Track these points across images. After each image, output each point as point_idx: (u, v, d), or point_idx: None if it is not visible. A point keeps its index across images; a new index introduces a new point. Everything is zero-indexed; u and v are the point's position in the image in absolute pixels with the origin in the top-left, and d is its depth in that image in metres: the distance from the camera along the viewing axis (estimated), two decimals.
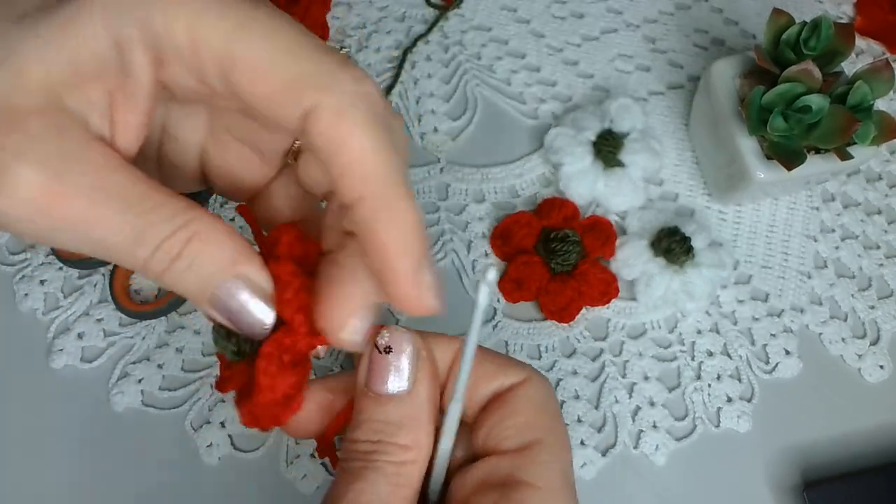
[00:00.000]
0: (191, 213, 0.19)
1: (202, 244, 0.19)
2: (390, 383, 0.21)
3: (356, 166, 0.18)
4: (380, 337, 0.22)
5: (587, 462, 0.36)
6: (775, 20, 0.36)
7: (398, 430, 0.21)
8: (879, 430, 0.37)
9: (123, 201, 0.18)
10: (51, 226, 0.18)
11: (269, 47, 0.18)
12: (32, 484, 0.35)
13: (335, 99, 0.18)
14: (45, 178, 0.17)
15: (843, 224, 0.41)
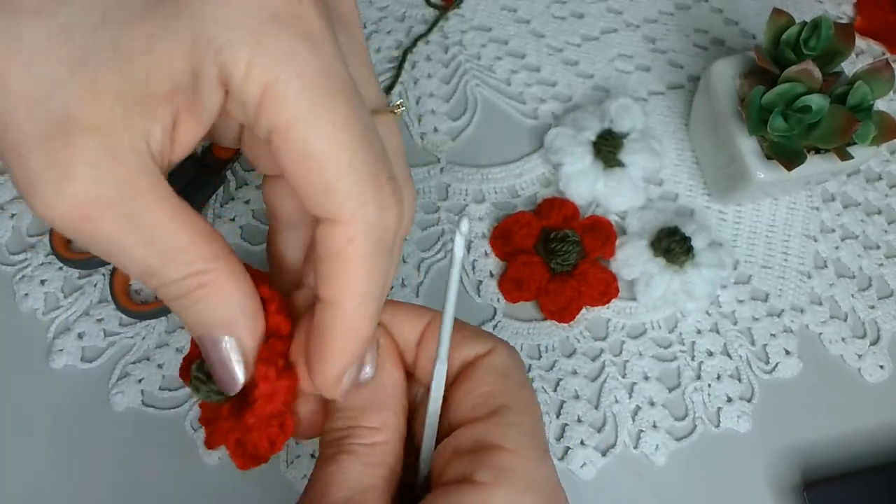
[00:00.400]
0: (213, 264, 0.20)
1: (210, 294, 0.20)
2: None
3: (340, 286, 0.20)
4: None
5: (587, 462, 0.36)
6: (775, 20, 0.36)
7: (365, 413, 0.22)
8: (879, 429, 0.37)
9: (149, 239, 0.19)
10: (78, 237, 0.19)
11: (326, 147, 0.18)
12: (32, 483, 0.35)
13: (353, 228, 0.19)
14: (85, 202, 0.18)
15: (843, 224, 0.41)
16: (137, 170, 0.18)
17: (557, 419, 0.36)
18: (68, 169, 0.17)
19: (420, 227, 0.41)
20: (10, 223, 0.39)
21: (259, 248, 0.40)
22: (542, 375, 0.37)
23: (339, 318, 0.20)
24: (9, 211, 0.40)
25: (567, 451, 0.36)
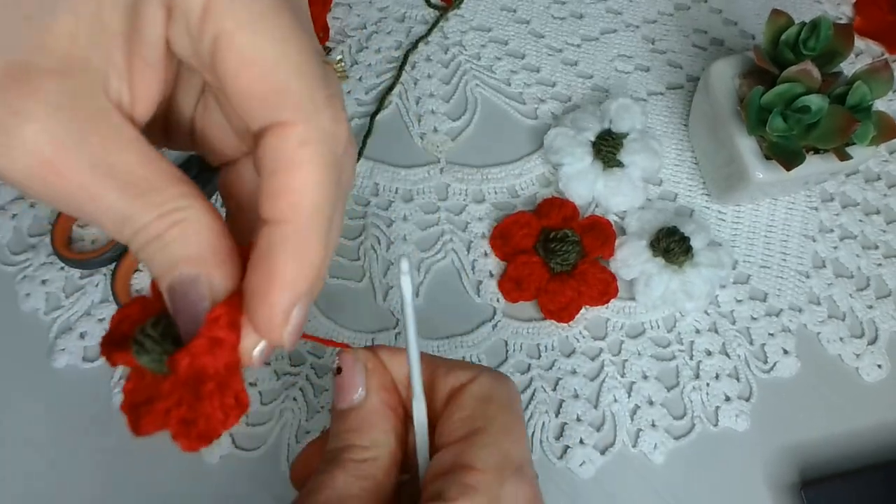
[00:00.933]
0: (184, 202, 0.19)
1: (183, 232, 0.19)
2: (346, 398, 0.24)
3: (292, 197, 0.18)
4: (332, 361, 0.25)
5: (586, 461, 0.36)
6: (774, 21, 0.36)
7: (356, 433, 0.24)
8: (877, 428, 0.37)
9: (121, 183, 0.18)
10: (47, 192, 0.18)
11: (276, 50, 0.18)
12: (34, 483, 0.35)
13: (308, 130, 0.18)
14: (49, 148, 0.17)
15: (842, 224, 0.42)
16: (99, 112, 0.18)
17: (557, 418, 0.37)
18: (28, 116, 0.17)
19: (420, 228, 0.41)
20: (12, 223, 0.40)
21: None
22: (542, 375, 0.38)
23: (290, 237, 0.19)
24: (10, 211, 0.40)
25: (566, 449, 0.36)
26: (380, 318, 0.39)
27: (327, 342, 0.26)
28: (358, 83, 0.44)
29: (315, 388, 0.37)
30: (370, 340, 0.38)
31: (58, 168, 0.17)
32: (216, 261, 0.20)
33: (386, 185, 0.42)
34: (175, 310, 0.20)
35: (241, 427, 0.36)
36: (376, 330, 0.38)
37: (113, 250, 0.38)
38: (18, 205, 0.40)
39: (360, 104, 0.44)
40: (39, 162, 0.17)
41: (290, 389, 0.37)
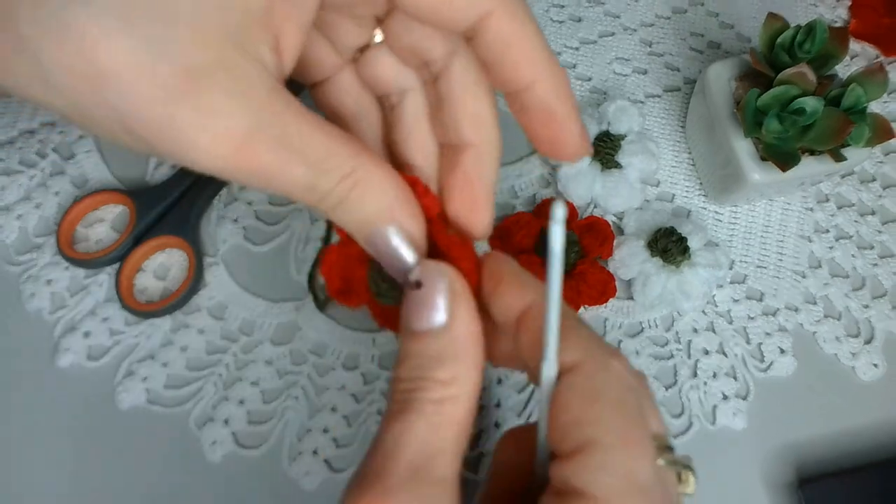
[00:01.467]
0: (356, 161, 0.21)
1: (364, 191, 0.21)
2: (425, 318, 0.21)
3: (530, 56, 0.22)
4: (411, 273, 0.22)
5: None
6: (770, 24, 0.37)
7: (436, 364, 0.20)
8: (873, 427, 0.38)
9: (302, 154, 0.20)
10: (239, 175, 0.20)
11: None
12: (38, 481, 0.35)
13: (508, 5, 0.21)
14: (239, 136, 0.19)
15: (838, 224, 0.42)
16: (269, 93, 0.19)
17: None
18: (214, 110, 0.18)
19: None
20: (17, 224, 0.40)
21: (262, 249, 0.40)
22: None
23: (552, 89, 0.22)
24: (15, 212, 0.40)
25: None
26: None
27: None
28: None
29: (317, 387, 0.37)
30: (371, 340, 0.38)
31: (248, 152, 0.19)
32: (402, 207, 0.22)
33: None
34: (378, 254, 0.22)
35: (243, 425, 0.37)
36: (377, 329, 0.39)
37: (117, 250, 0.38)
38: (23, 205, 0.40)
39: None
40: (233, 150, 0.19)
41: (291, 388, 0.37)
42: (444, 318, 0.21)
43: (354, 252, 0.23)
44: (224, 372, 0.37)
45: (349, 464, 0.36)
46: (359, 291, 0.24)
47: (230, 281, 0.39)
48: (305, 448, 0.36)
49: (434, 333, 0.21)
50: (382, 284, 0.23)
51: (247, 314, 0.39)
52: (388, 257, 0.22)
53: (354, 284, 0.24)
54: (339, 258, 0.24)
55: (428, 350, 0.20)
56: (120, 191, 0.40)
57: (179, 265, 0.40)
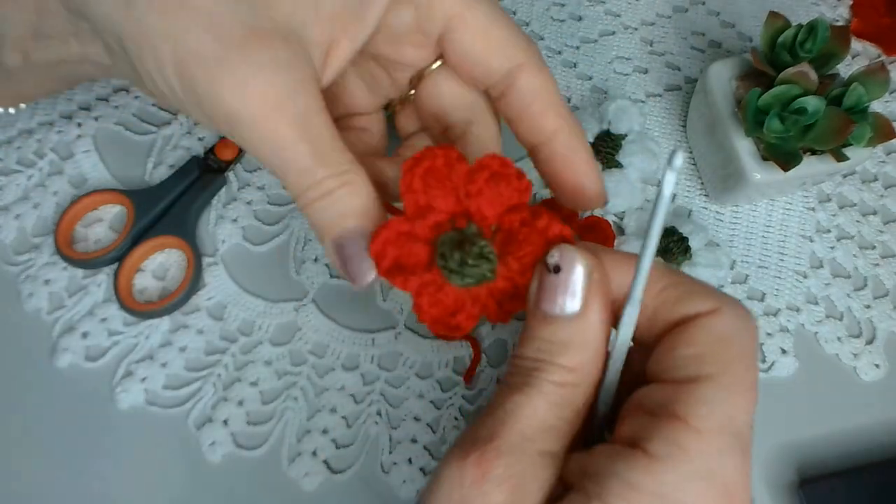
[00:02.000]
0: (353, 167, 0.23)
1: (350, 191, 0.23)
2: (559, 303, 0.21)
3: (555, 106, 0.26)
4: (549, 256, 0.21)
5: None
6: (771, 23, 0.36)
7: (563, 350, 0.20)
8: (875, 427, 0.38)
9: (312, 141, 0.23)
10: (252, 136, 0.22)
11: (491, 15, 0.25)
12: (36, 482, 0.35)
13: (536, 59, 0.26)
14: (273, 97, 0.22)
15: (839, 224, 0.42)
16: (308, 79, 0.22)
17: None
18: (262, 66, 0.21)
19: None
20: (15, 224, 0.40)
21: (261, 249, 0.40)
22: None
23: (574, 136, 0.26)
24: (13, 211, 0.40)
25: None
26: (381, 318, 0.39)
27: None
28: None
29: (316, 387, 0.37)
30: (370, 341, 0.38)
31: (273, 115, 0.22)
32: (374, 213, 0.24)
33: None
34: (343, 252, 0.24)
35: (242, 426, 0.36)
36: (377, 330, 0.39)
37: (116, 250, 0.38)
38: (22, 205, 0.40)
39: None
40: (260, 109, 0.22)
41: (291, 389, 0.37)
42: (578, 307, 0.21)
43: (415, 230, 0.23)
44: (223, 372, 0.37)
45: (349, 464, 0.36)
46: (415, 271, 0.23)
47: (229, 281, 0.39)
48: (305, 449, 0.36)
49: (565, 319, 0.21)
50: (461, 259, 0.22)
51: (246, 314, 0.39)
52: (349, 264, 0.24)
53: (411, 262, 0.23)
54: (398, 235, 0.23)
55: (556, 335, 0.21)
56: (118, 190, 0.40)
57: (178, 265, 0.39)
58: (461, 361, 0.38)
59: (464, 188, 0.23)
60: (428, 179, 0.22)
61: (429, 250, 0.23)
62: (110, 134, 0.42)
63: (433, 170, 0.22)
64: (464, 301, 0.23)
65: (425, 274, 0.23)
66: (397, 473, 0.36)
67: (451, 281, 0.23)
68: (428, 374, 0.38)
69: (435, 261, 0.23)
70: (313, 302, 0.39)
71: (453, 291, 0.23)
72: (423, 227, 0.23)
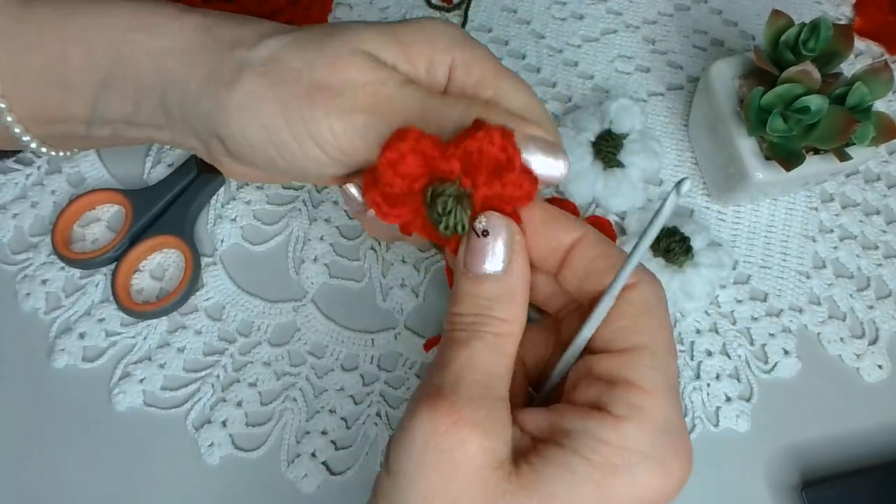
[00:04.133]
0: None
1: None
2: (487, 264, 0.23)
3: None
4: (477, 222, 0.24)
5: None
6: (774, 21, 0.36)
7: (497, 304, 0.23)
8: (878, 429, 0.37)
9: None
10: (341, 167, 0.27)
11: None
12: (33, 484, 0.35)
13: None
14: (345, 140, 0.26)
15: (842, 224, 0.42)
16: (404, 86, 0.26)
17: None
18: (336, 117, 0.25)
19: None
20: (13, 223, 0.40)
21: (260, 249, 0.40)
22: None
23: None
24: (11, 211, 0.40)
25: None
26: (380, 319, 0.39)
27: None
28: None
29: (315, 388, 0.37)
30: (370, 341, 0.38)
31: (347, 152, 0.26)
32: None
33: None
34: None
35: (241, 428, 0.36)
36: (376, 330, 0.38)
37: (114, 250, 0.38)
38: (20, 204, 0.40)
39: None
40: (335, 149, 0.26)
41: (289, 390, 0.37)
42: (503, 266, 0.24)
43: (431, 152, 0.23)
44: (222, 373, 0.37)
45: (348, 466, 0.36)
46: (410, 204, 0.24)
47: (228, 281, 0.39)
48: (304, 450, 0.36)
49: (494, 278, 0.23)
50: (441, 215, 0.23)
51: (245, 315, 0.38)
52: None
53: (410, 192, 0.24)
54: (415, 153, 0.23)
55: (488, 292, 0.23)
56: (117, 190, 0.40)
57: (176, 265, 0.39)
58: None
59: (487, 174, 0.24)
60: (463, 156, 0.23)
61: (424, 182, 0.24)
62: None
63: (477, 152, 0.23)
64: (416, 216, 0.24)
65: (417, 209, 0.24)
66: None
67: (436, 228, 0.24)
68: None
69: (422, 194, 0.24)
70: (312, 302, 0.39)
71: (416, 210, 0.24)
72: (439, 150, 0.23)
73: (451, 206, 0.23)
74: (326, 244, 0.40)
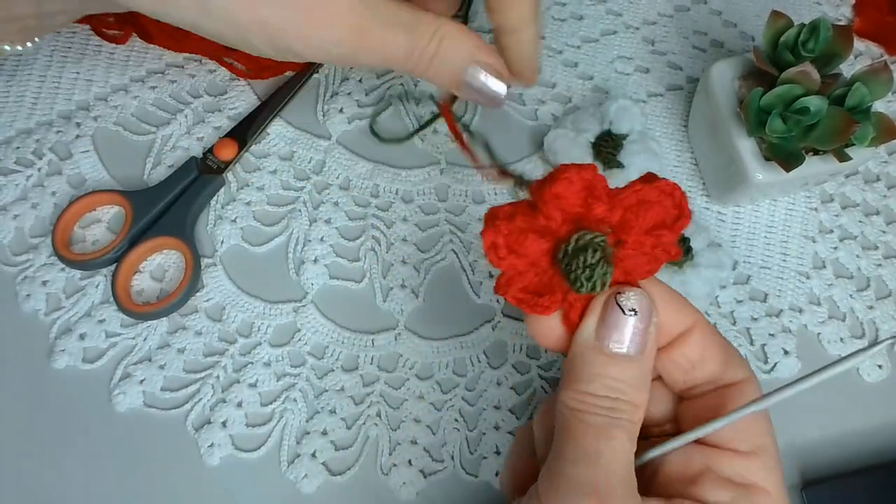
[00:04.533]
0: (438, 22, 0.27)
1: (451, 42, 0.27)
2: (628, 346, 0.22)
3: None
4: (624, 298, 0.22)
5: None
6: (774, 22, 0.36)
7: (633, 390, 0.22)
8: (878, 429, 0.37)
9: (401, 25, 0.26)
10: (349, 53, 0.26)
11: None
12: (33, 485, 0.35)
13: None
14: (356, 14, 0.25)
15: (842, 225, 0.42)
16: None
17: None
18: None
19: (420, 229, 0.41)
20: (13, 224, 0.40)
21: (260, 250, 0.40)
22: (542, 375, 0.38)
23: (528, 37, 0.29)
24: (11, 212, 0.40)
25: None
26: (380, 320, 0.39)
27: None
28: (358, 84, 0.44)
29: (315, 389, 0.37)
30: (370, 342, 0.38)
31: (364, 32, 0.25)
32: (480, 51, 0.28)
33: (386, 187, 0.42)
34: (475, 97, 0.29)
35: (241, 428, 0.36)
36: (377, 331, 0.38)
37: (114, 251, 0.38)
38: (20, 205, 0.40)
39: (361, 105, 0.44)
40: (349, 26, 0.25)
41: (289, 390, 0.37)
42: (642, 349, 0.22)
43: (534, 225, 0.21)
44: (222, 374, 0.37)
45: (348, 466, 0.36)
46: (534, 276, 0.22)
47: (228, 282, 0.39)
48: (304, 451, 0.36)
49: (629, 360, 0.22)
50: (584, 268, 0.21)
51: (245, 316, 0.38)
52: (483, 93, 0.28)
53: (529, 264, 0.22)
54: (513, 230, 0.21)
55: (623, 375, 0.22)
56: (117, 191, 0.40)
57: (176, 266, 0.39)
58: (461, 363, 0.38)
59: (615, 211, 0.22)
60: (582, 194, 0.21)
61: (548, 248, 0.22)
62: (109, 134, 0.42)
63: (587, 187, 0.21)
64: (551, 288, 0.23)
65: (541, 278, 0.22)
66: (397, 475, 0.36)
67: (574, 284, 0.22)
68: (428, 375, 0.38)
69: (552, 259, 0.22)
70: (312, 303, 0.39)
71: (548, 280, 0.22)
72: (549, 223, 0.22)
73: (598, 260, 0.21)
74: (326, 245, 0.40)
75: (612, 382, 0.22)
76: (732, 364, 0.24)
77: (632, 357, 0.22)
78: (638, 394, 0.22)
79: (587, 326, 0.23)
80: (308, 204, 0.41)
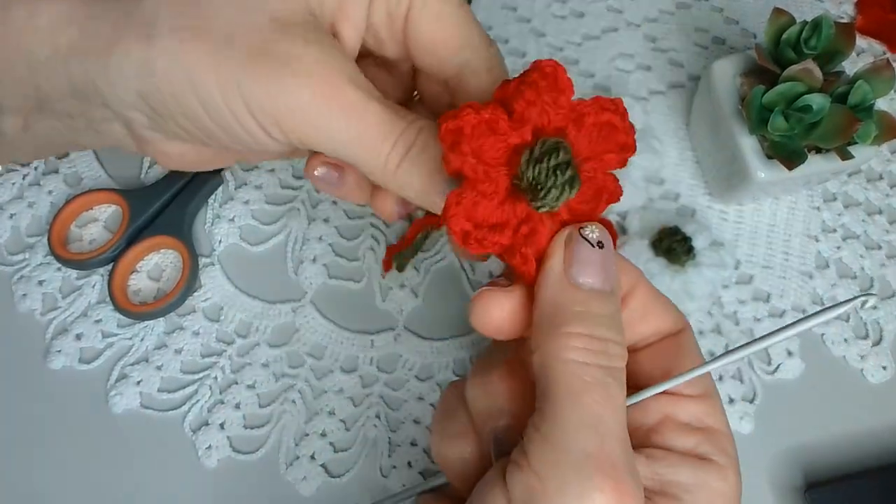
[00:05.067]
0: (413, 115, 0.24)
1: (430, 134, 0.23)
2: (604, 279, 0.21)
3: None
4: (589, 231, 0.21)
5: None
6: (776, 19, 0.36)
7: (618, 326, 0.21)
8: (882, 430, 0.37)
9: (377, 95, 0.23)
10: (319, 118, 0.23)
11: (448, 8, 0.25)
12: (30, 485, 0.35)
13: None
14: (324, 72, 0.22)
15: (845, 224, 0.41)
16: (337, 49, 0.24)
17: None
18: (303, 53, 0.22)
19: None
20: (9, 223, 0.39)
21: (259, 249, 0.40)
22: None
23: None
24: (8, 211, 0.40)
25: None
26: (380, 319, 0.38)
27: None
28: None
29: (314, 390, 0.37)
30: (369, 342, 0.38)
31: (332, 87, 0.22)
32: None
33: None
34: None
35: (239, 430, 0.36)
36: (376, 331, 0.38)
37: (111, 251, 0.37)
38: (16, 204, 0.40)
39: None
40: (319, 84, 0.22)
41: (288, 391, 0.37)
42: (613, 283, 0.22)
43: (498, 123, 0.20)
44: (220, 375, 0.37)
45: (347, 468, 0.35)
46: (496, 177, 0.21)
47: (226, 282, 0.39)
48: (303, 452, 0.36)
49: (609, 294, 0.21)
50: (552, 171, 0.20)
51: (243, 316, 0.38)
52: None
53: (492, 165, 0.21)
54: (477, 128, 0.20)
55: (607, 309, 0.21)
56: (114, 190, 0.39)
57: (174, 266, 0.39)
58: (462, 363, 0.38)
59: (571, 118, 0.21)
60: (531, 94, 0.20)
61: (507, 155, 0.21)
62: None
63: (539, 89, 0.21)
64: (508, 219, 0.21)
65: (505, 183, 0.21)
66: (396, 477, 0.35)
67: (539, 193, 0.20)
68: (428, 376, 0.37)
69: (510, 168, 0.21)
70: (311, 303, 0.39)
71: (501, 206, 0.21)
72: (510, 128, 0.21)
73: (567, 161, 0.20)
74: (325, 244, 0.40)
75: (597, 319, 0.20)
76: (672, 316, 0.25)
77: (607, 292, 0.21)
78: (619, 331, 0.21)
79: (555, 264, 0.21)
80: (306, 203, 0.41)
